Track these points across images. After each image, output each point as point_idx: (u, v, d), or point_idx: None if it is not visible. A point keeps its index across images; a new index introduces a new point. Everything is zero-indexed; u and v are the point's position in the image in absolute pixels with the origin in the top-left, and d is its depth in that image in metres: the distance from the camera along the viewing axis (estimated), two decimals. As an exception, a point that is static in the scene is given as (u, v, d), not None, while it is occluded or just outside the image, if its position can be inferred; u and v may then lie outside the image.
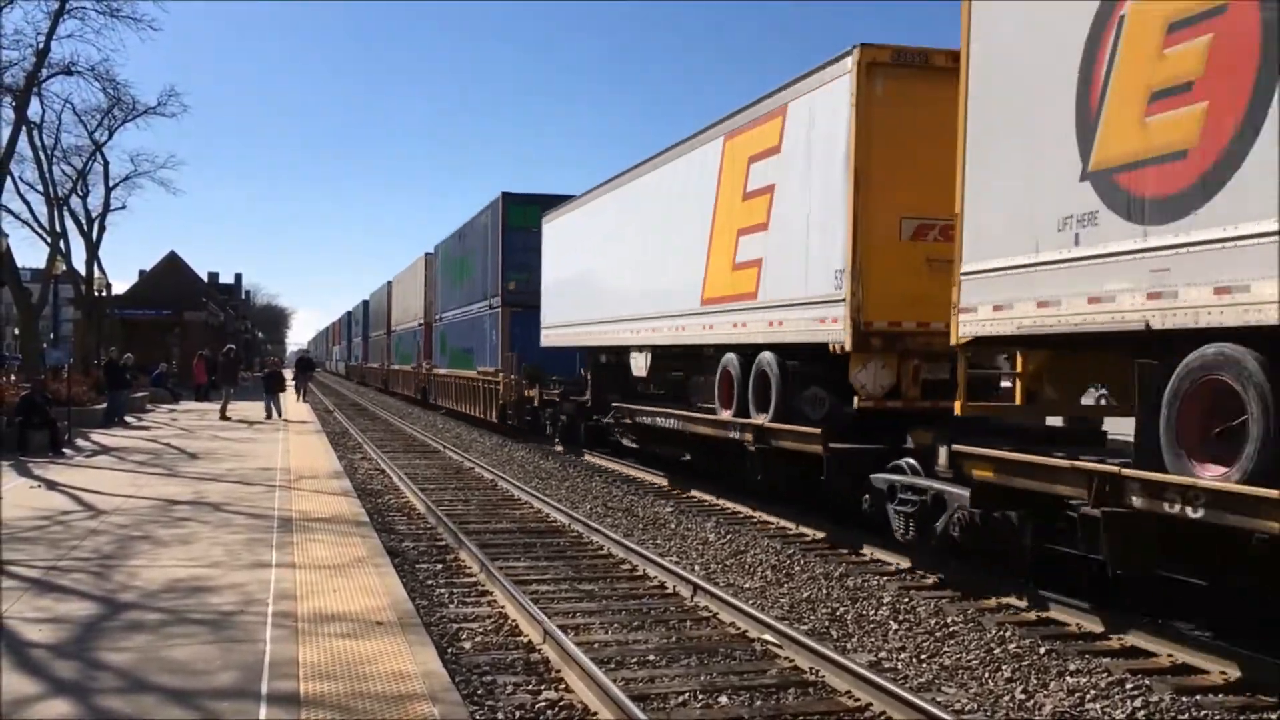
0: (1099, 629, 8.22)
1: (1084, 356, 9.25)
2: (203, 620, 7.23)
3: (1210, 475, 6.74)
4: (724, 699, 6.54)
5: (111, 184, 41.59)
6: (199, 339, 50.07)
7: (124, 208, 45.54)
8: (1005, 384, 11.15)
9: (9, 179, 31.44)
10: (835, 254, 11.46)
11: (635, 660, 7.31)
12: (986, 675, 7.14)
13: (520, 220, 26.07)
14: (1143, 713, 6.37)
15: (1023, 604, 8.98)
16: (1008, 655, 7.58)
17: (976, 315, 8.97)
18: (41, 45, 28.61)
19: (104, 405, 26.00)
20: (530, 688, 6.68)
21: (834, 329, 11.49)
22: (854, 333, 11.19)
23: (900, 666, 7.34)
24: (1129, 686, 6.85)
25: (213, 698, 5.62)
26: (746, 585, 9.87)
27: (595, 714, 6.20)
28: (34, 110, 32.40)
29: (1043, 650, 7.68)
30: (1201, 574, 8.03)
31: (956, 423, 10.05)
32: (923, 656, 7.58)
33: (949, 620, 8.54)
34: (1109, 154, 7.47)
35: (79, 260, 41.20)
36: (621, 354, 19.47)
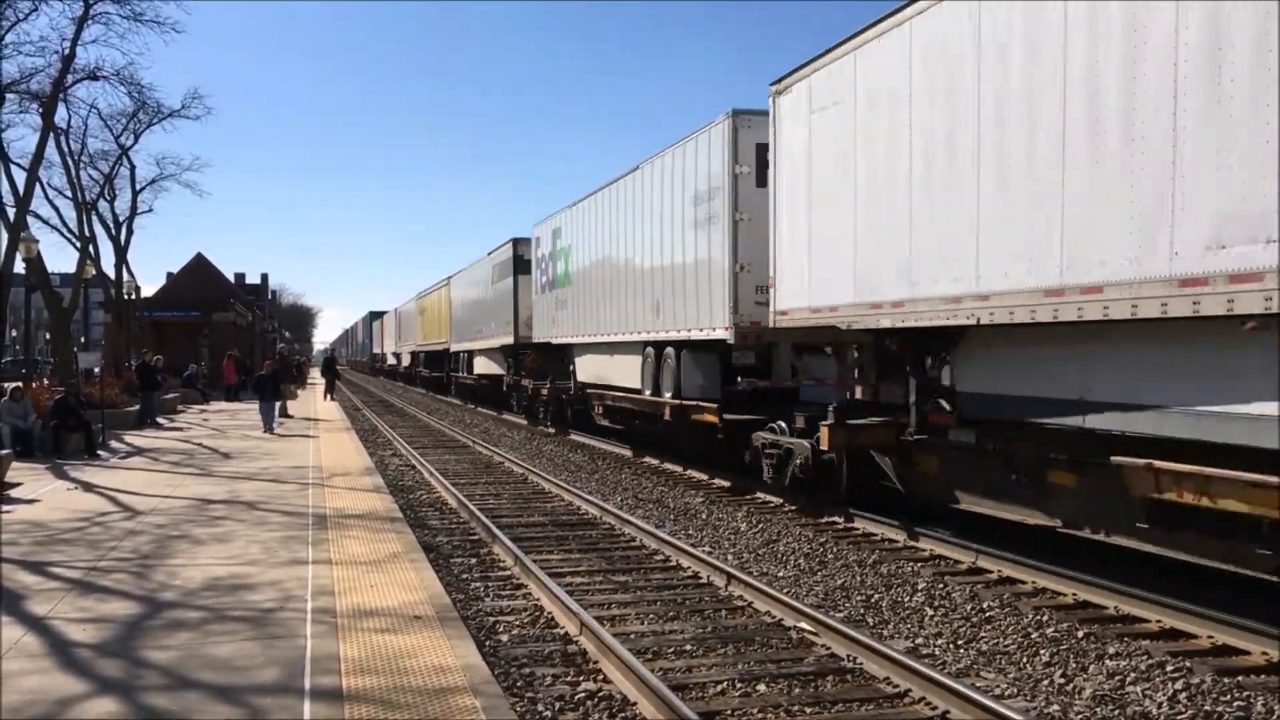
0: (1137, 612, 8.16)
1: None
2: (243, 618, 7.30)
3: None
4: (762, 687, 6.55)
5: (138, 187, 42.07)
6: (227, 340, 50.49)
7: (151, 211, 46.03)
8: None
9: (38, 184, 31.79)
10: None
11: (672, 650, 7.32)
12: (1025, 660, 7.11)
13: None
14: (1184, 694, 6.32)
15: (1059, 588, 8.93)
16: (1045, 639, 7.55)
17: None
18: (67, 51, 28.88)
19: (137, 407, 26.30)
20: (569, 679, 6.70)
21: None
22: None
23: (938, 652, 7.32)
24: (1169, 668, 6.81)
25: (257, 694, 5.67)
26: (780, 574, 9.87)
27: (634, 704, 6.22)
28: (61, 116, 32.75)
29: (1081, 634, 7.65)
30: None
31: None
32: (960, 642, 7.56)
33: (985, 605, 8.51)
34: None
35: (108, 264, 41.68)
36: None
